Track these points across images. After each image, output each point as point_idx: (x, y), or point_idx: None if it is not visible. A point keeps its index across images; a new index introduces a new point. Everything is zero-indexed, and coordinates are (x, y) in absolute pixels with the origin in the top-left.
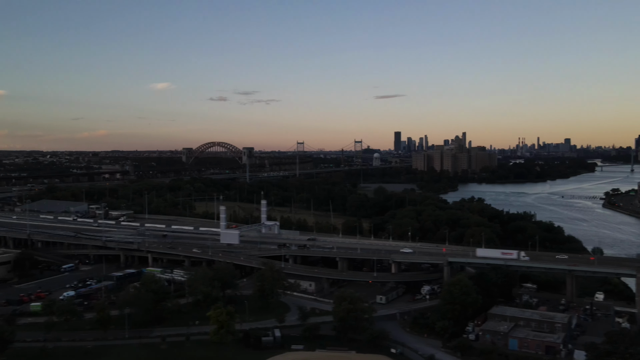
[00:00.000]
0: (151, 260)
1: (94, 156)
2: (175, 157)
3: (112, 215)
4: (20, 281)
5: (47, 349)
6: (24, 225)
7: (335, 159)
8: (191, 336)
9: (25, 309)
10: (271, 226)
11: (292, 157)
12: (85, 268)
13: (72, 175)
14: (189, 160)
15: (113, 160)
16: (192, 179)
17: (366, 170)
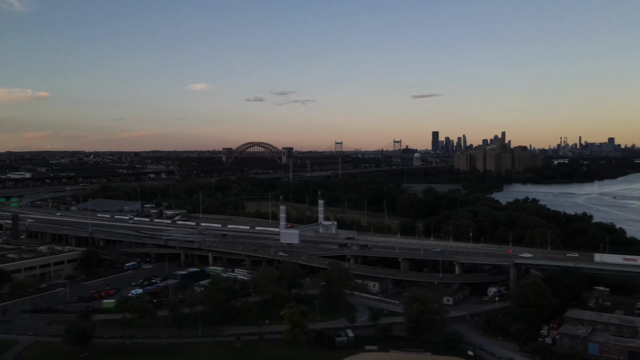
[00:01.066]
0: (211, 259)
1: (136, 156)
2: (215, 157)
3: (167, 215)
4: (87, 278)
5: (126, 346)
6: (84, 223)
7: (373, 159)
8: (264, 335)
9: (96, 305)
10: (329, 226)
11: (330, 157)
12: (147, 266)
13: (119, 175)
14: (228, 160)
15: (154, 160)
16: (239, 179)
17: (408, 170)
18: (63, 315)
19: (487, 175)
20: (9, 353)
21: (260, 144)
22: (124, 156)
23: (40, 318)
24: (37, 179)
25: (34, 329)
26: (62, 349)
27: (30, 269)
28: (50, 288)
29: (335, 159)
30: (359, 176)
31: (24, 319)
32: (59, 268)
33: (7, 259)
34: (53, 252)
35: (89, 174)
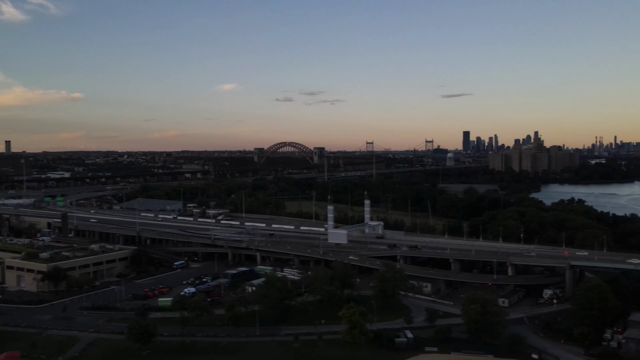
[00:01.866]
0: (259, 258)
1: (168, 156)
2: (247, 157)
3: (209, 214)
4: (138, 276)
5: (187, 344)
6: (130, 222)
7: (404, 159)
8: (322, 335)
9: (151, 303)
10: (375, 226)
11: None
12: (195, 265)
13: (156, 175)
14: (260, 160)
15: (187, 160)
16: (275, 179)
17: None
18: (120, 312)
19: (523, 175)
20: (73, 349)
21: (291, 144)
22: (157, 156)
23: (99, 315)
24: (77, 178)
25: (94, 326)
26: (124, 346)
27: (84, 267)
28: (103, 286)
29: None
30: (394, 176)
31: (83, 316)
32: (110, 266)
33: (62, 257)
34: (105, 251)
35: (126, 174)
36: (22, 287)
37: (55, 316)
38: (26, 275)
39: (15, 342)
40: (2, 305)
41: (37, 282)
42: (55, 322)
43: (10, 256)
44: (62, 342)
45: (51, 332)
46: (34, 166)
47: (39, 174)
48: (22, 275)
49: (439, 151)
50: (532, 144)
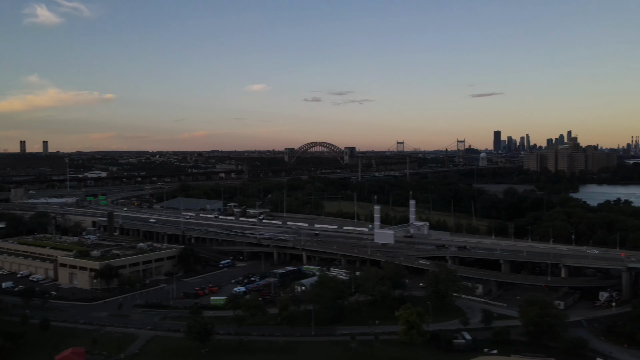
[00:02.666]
0: (305, 258)
1: (199, 156)
2: (278, 157)
3: (250, 213)
4: (186, 275)
5: (244, 342)
6: (173, 221)
7: (434, 159)
8: (379, 335)
9: (204, 302)
10: (420, 226)
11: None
12: (241, 264)
13: (191, 174)
14: (291, 160)
15: (218, 160)
16: (311, 179)
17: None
18: (173, 310)
19: (559, 175)
20: (132, 346)
21: (322, 144)
22: (188, 156)
23: (153, 313)
24: (115, 177)
25: (149, 324)
26: (182, 344)
27: (134, 265)
28: (152, 284)
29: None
30: (429, 176)
31: (138, 314)
32: (159, 265)
33: (113, 255)
34: (153, 249)
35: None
36: (74, 285)
37: (111, 313)
38: (79, 272)
39: (75, 339)
40: (58, 302)
41: (90, 280)
42: (111, 319)
43: (62, 254)
44: (121, 339)
45: (109, 329)
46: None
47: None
48: (75, 272)
49: (470, 151)
50: (568, 144)
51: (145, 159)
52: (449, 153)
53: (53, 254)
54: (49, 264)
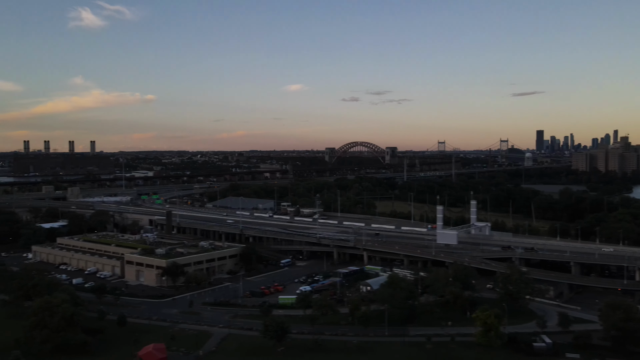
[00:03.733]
0: (366, 258)
1: (240, 156)
2: (318, 157)
3: (304, 213)
4: (248, 274)
5: (320, 342)
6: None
7: (476, 159)
8: (454, 337)
9: (271, 300)
10: (482, 227)
11: (431, 156)
12: (300, 264)
13: (237, 174)
14: (331, 160)
15: (259, 160)
16: (358, 178)
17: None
18: (242, 309)
19: (610, 176)
20: (208, 344)
21: (363, 144)
22: (229, 155)
23: (222, 311)
24: (163, 177)
25: (221, 322)
26: (258, 342)
27: (197, 263)
28: (216, 282)
29: (441, 159)
30: (476, 176)
31: (207, 311)
32: (221, 263)
33: (177, 253)
34: (215, 248)
35: (207, 173)
36: (141, 282)
37: (182, 311)
38: (145, 270)
39: (151, 335)
40: (129, 298)
41: (156, 277)
42: (183, 316)
43: (128, 252)
44: (196, 337)
45: (182, 326)
46: (116, 165)
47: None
48: (142, 270)
49: (513, 151)
50: (619, 143)
51: (187, 158)
52: (491, 153)
53: (118, 252)
54: (116, 261)
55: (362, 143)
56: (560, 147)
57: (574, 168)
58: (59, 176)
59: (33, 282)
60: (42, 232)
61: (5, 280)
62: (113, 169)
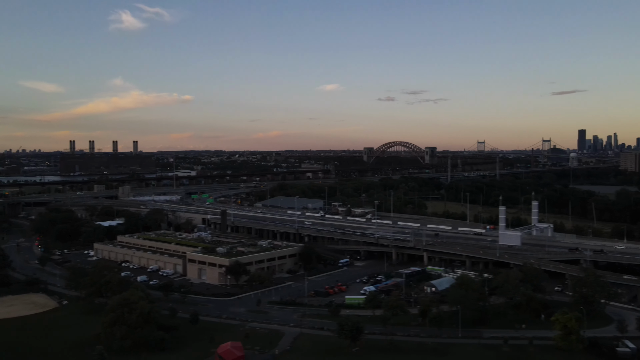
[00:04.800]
0: (426, 258)
1: (277, 155)
2: (356, 157)
3: (356, 213)
4: (307, 273)
5: (395, 342)
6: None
7: (516, 159)
8: (532, 340)
9: (337, 300)
10: (543, 229)
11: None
12: (359, 264)
13: (279, 174)
14: (369, 160)
15: (297, 160)
16: (404, 178)
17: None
18: (309, 308)
19: None
20: (282, 342)
21: (402, 144)
22: (267, 155)
23: (289, 310)
24: (208, 176)
25: (290, 321)
26: (331, 341)
27: (259, 262)
28: (278, 281)
29: (481, 158)
30: (522, 176)
31: (274, 310)
32: (281, 262)
33: (239, 252)
34: (274, 247)
35: (247, 172)
36: (203, 280)
37: (249, 309)
38: (208, 268)
39: (224, 333)
40: (195, 296)
41: (219, 276)
42: (252, 315)
43: (190, 250)
44: (269, 335)
45: (252, 324)
46: (157, 165)
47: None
48: (204, 268)
49: (555, 151)
50: None
51: (226, 158)
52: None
53: (179, 250)
54: (177, 260)
55: (401, 143)
56: (602, 147)
57: (622, 168)
58: (103, 175)
59: (105, 279)
60: (101, 230)
61: (76, 277)
62: (155, 168)
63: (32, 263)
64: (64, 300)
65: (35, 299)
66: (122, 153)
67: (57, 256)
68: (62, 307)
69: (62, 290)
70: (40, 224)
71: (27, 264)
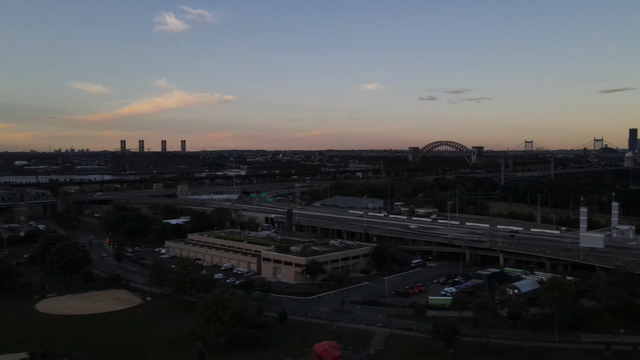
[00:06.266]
0: (502, 259)
1: (321, 155)
2: (401, 156)
3: (419, 213)
4: (381, 274)
5: (491, 345)
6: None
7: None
8: (637, 346)
9: (420, 301)
10: (624, 231)
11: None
12: (431, 264)
13: (329, 173)
14: (414, 159)
15: (341, 159)
16: (460, 178)
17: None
18: (392, 308)
19: None
20: (373, 343)
21: (448, 143)
22: (311, 155)
23: (373, 310)
24: (259, 175)
25: (376, 321)
26: (423, 342)
27: (333, 262)
28: (354, 281)
29: (527, 158)
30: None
31: (357, 310)
32: (355, 262)
33: (313, 252)
34: (346, 247)
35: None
36: (279, 279)
37: (333, 309)
38: (283, 267)
39: (311, 332)
40: (276, 295)
41: (295, 274)
42: (337, 314)
43: (263, 249)
44: (360, 335)
45: (339, 324)
46: (203, 164)
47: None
48: (279, 267)
49: (607, 150)
50: None
51: (270, 157)
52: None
53: (251, 249)
54: (251, 258)
55: (447, 142)
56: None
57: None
58: (153, 174)
59: (191, 277)
60: (170, 228)
61: (159, 274)
62: (202, 167)
63: (106, 259)
64: (148, 297)
65: (119, 295)
66: (170, 152)
67: (129, 253)
68: (146, 303)
69: (142, 287)
70: (111, 221)
71: (102, 260)
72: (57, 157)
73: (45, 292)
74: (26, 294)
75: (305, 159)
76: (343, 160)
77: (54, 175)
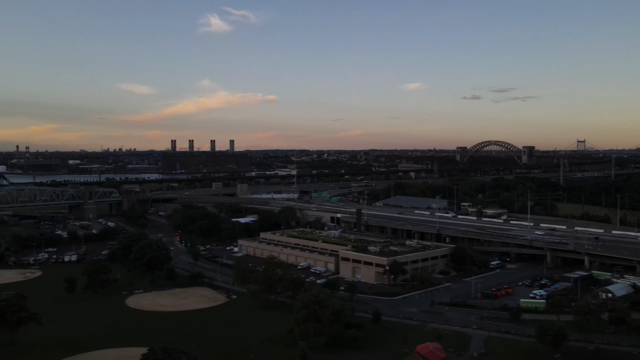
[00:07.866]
0: (587, 262)
1: (367, 155)
2: (449, 156)
3: (489, 214)
4: (461, 275)
5: (600, 351)
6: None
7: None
8: None
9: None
10: None
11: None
12: (511, 266)
13: (382, 173)
14: (462, 159)
15: (387, 159)
16: (520, 179)
17: None
18: (482, 310)
19: None
20: (473, 345)
21: (497, 143)
22: (357, 154)
23: (463, 312)
24: (312, 175)
25: (469, 323)
26: (525, 345)
27: (413, 262)
28: (435, 282)
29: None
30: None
31: (447, 311)
32: (434, 263)
33: (392, 252)
34: (424, 247)
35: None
36: (358, 279)
37: (422, 309)
38: (363, 267)
39: (407, 333)
40: (361, 295)
41: (375, 275)
42: (427, 315)
43: (341, 248)
44: (458, 337)
45: (432, 325)
46: (252, 163)
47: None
48: (358, 267)
49: None
50: None
51: (316, 157)
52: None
53: (327, 248)
54: (329, 257)
55: (496, 142)
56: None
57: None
58: (203, 173)
59: (279, 276)
60: (240, 227)
61: (244, 273)
62: (250, 167)
63: (181, 257)
64: (232, 295)
65: (203, 293)
66: (219, 152)
67: (203, 251)
68: (231, 301)
69: (224, 285)
70: (180, 220)
71: (177, 257)
72: (107, 156)
73: (132, 289)
74: (114, 289)
75: (350, 158)
76: (389, 160)
77: (108, 174)
